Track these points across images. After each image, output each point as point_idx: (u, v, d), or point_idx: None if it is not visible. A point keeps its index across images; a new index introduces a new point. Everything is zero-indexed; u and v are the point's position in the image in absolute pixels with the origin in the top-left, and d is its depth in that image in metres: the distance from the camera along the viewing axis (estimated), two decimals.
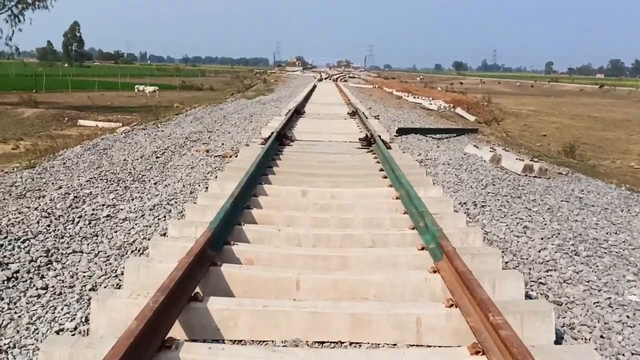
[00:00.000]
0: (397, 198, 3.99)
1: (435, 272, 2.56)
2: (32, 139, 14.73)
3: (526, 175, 6.52)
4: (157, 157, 6.07)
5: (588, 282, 2.97)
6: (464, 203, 4.51)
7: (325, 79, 45.08)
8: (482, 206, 4.49)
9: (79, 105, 26.13)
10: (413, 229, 3.24)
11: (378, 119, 11.60)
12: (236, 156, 5.94)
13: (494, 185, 5.43)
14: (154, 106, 19.10)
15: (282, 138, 6.80)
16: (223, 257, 2.70)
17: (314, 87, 25.76)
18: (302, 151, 6.26)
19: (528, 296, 2.64)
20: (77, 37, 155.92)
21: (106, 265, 2.83)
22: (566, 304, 2.66)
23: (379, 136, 6.63)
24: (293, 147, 6.53)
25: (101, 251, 3.02)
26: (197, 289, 2.31)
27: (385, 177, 4.75)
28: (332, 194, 4.28)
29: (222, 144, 7.32)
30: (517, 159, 7.15)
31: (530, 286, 2.86)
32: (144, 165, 5.61)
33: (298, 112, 10.83)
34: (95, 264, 2.84)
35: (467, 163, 6.42)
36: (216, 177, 4.67)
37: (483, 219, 4.08)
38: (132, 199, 4.22)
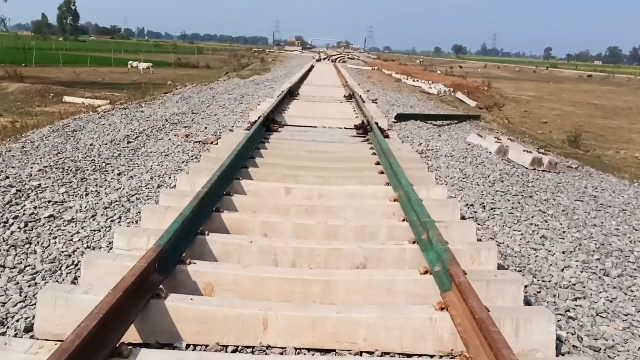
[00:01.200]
0: (395, 200, 3.41)
1: (443, 309, 2.01)
2: (13, 116, 14.04)
3: (535, 170, 5.96)
4: (129, 142, 5.46)
5: (627, 316, 2.42)
6: (471, 205, 3.95)
7: (324, 59, 44.14)
8: (492, 209, 3.93)
9: (68, 81, 25.26)
10: (414, 242, 2.68)
11: (376, 103, 10.97)
12: (217, 143, 5.34)
13: (502, 182, 4.87)
14: (143, 84, 18.37)
15: (271, 123, 6.19)
16: (173, 283, 2.14)
17: (312, 67, 25.00)
18: (292, 139, 5.66)
19: (559, 338, 2.09)
20: (72, 11, 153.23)
21: (29, 286, 2.25)
22: (605, 350, 2.12)
23: (377, 123, 6.03)
24: (282, 134, 5.93)
25: (29, 266, 2.44)
26: (130, 332, 1.75)
27: (382, 173, 4.17)
28: (321, 192, 3.70)
29: (206, 128, 6.70)
30: (524, 151, 6.58)
31: (559, 321, 2.31)
32: (112, 151, 5.01)
33: (292, 94, 10.19)
34: (17, 284, 2.26)
35: (471, 155, 5.84)
36: (188, 171, 4.07)
37: (494, 226, 3.53)
38: (87, 194, 3.63)
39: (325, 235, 2.92)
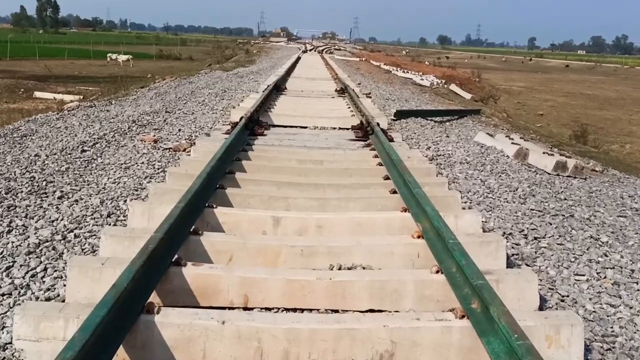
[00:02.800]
0: (419, 236, 2.57)
1: None
2: None
3: (558, 175, 5.18)
4: (82, 151, 4.54)
5: None
6: (509, 234, 3.12)
7: (310, 50, 43.10)
8: (535, 238, 3.11)
9: (42, 75, 23.98)
10: (462, 317, 1.84)
11: (370, 97, 10.10)
12: (188, 153, 4.44)
13: (533, 196, 4.05)
14: (119, 77, 17.27)
15: (255, 125, 5.30)
16: None
17: (298, 58, 24.02)
18: (279, 144, 4.78)
19: None
20: (52, 3, 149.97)
21: None
22: None
23: (378, 124, 5.18)
24: (268, 138, 5.04)
25: None
26: None
27: (395, 192, 3.33)
28: (319, 222, 2.85)
29: (180, 130, 5.79)
30: (544, 153, 5.79)
31: None
32: (60, 164, 4.09)
33: (278, 88, 9.29)
34: None
35: (489, 161, 5.03)
36: (148, 193, 3.18)
37: (547, 267, 2.70)
38: (9, 230, 2.73)
39: (329, 298, 2.07)
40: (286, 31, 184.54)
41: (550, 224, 3.42)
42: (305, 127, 6.28)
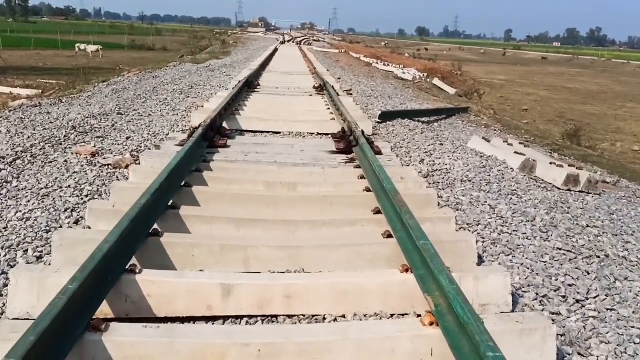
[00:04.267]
0: (431, 323, 1.77)
1: None
2: None
3: (569, 190, 4.45)
4: None
5: None
6: (544, 296, 2.34)
7: (289, 41, 42.01)
8: (578, 301, 2.34)
9: (4, 67, 22.54)
10: None
11: (351, 95, 9.28)
12: (128, 175, 3.55)
13: (555, 227, 3.29)
14: (81, 70, 16.08)
15: (216, 134, 4.43)
16: None
17: (275, 50, 23.04)
18: (244, 159, 3.93)
19: None
20: None
21: None
22: None
23: (362, 132, 4.36)
24: (231, 151, 4.18)
25: None
26: None
27: (390, 237, 2.52)
28: (288, 291, 2.03)
29: (128, 138, 4.88)
30: (551, 163, 5.06)
31: None
32: None
33: (251, 84, 8.39)
34: None
35: (494, 177, 4.26)
36: (56, 244, 2.31)
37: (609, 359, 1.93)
38: None
39: None
40: (264, 21, 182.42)
41: (588, 273, 2.66)
42: (279, 133, 5.45)
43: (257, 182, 3.39)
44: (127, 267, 2.04)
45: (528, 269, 2.61)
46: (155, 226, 2.48)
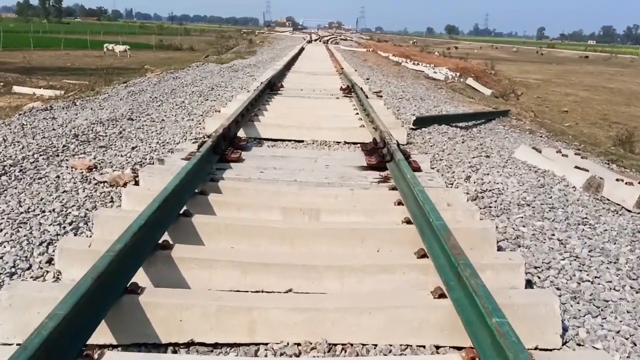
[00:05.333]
0: None
1: None
2: None
3: None
4: None
5: None
6: None
7: (315, 40, 41.48)
8: None
9: (31, 67, 22.64)
10: None
11: (381, 97, 8.65)
12: (121, 198, 3.01)
13: None
14: (104, 70, 15.85)
15: (228, 145, 3.87)
16: None
17: (302, 49, 22.51)
18: (258, 178, 3.34)
19: None
20: None
21: None
22: None
23: (397, 143, 3.73)
24: (245, 166, 3.60)
25: None
26: None
27: (442, 296, 1.89)
28: None
29: (134, 148, 4.37)
30: (618, 179, 4.33)
31: None
32: None
33: (273, 86, 7.83)
34: None
35: (556, 200, 3.57)
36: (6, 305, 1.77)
37: None
38: None
39: None
40: (292, 21, 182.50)
41: None
42: (301, 142, 4.87)
43: (273, 208, 2.81)
44: (83, 349, 1.47)
45: (627, 339, 1.95)
46: (136, 278, 1.91)
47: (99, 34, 53.94)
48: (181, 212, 2.56)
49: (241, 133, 4.86)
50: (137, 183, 3.33)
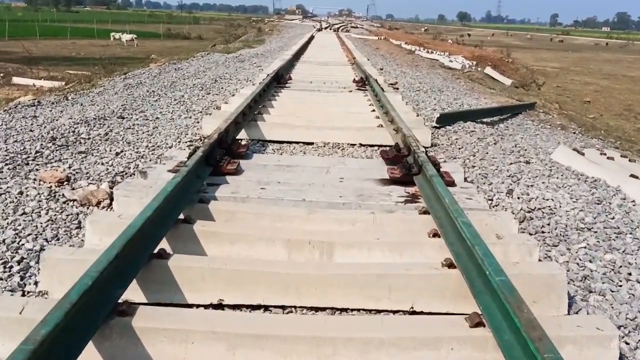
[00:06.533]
0: None
1: None
2: None
3: None
4: None
5: None
6: None
7: (326, 28, 40.65)
8: None
9: (35, 56, 22.16)
10: None
11: (397, 89, 8.00)
12: (105, 207, 2.42)
13: None
14: (107, 60, 15.30)
15: (225, 154, 3.28)
16: None
17: (312, 37, 21.82)
18: (258, 197, 2.74)
19: None
20: None
21: None
22: None
23: (425, 151, 3.12)
24: (242, 181, 3.01)
25: None
26: None
27: None
28: None
29: (118, 153, 3.80)
30: None
31: None
32: None
33: (280, 79, 7.21)
34: None
35: (620, 219, 2.94)
36: None
37: None
38: None
39: None
40: (302, 9, 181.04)
41: None
42: (311, 144, 4.27)
43: (275, 241, 2.21)
44: None
45: None
46: None
47: (107, 23, 53.46)
48: (156, 251, 1.98)
49: (243, 134, 4.27)
50: (112, 201, 2.75)
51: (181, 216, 2.34)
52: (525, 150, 4.71)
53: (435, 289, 1.90)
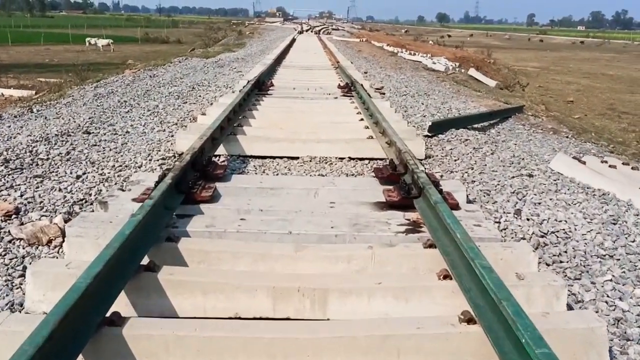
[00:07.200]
0: None
1: None
2: None
3: None
4: None
5: None
6: None
7: (307, 31, 40.32)
8: None
9: (5, 64, 21.41)
10: None
11: (383, 94, 7.70)
12: (55, 246, 2.03)
13: None
14: (81, 66, 14.70)
15: (199, 179, 2.90)
16: None
17: (293, 40, 21.47)
18: (237, 230, 2.37)
19: None
20: None
21: None
22: None
23: (426, 175, 2.79)
24: (218, 211, 2.63)
25: None
26: None
27: None
28: None
29: (79, 177, 3.39)
30: None
31: None
32: None
33: (262, 85, 6.83)
34: None
35: (635, 239, 2.64)
36: None
37: None
38: None
39: None
40: (282, 11, 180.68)
41: None
42: (296, 158, 3.92)
43: (257, 290, 1.85)
44: None
45: None
46: None
47: (82, 28, 52.32)
48: (108, 314, 1.60)
49: (221, 150, 3.90)
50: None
51: (145, 260, 1.97)
52: (523, 159, 4.42)
53: (454, 353, 1.56)
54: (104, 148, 4.14)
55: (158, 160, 3.82)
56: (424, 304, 1.83)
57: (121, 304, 1.78)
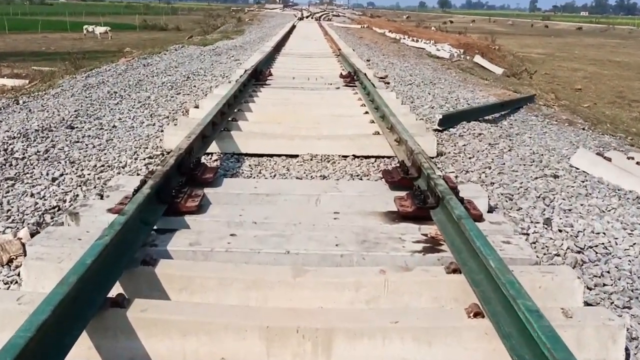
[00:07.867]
0: None
1: None
2: None
3: None
4: None
5: None
6: None
7: (307, 17, 39.67)
8: None
9: (0, 52, 20.99)
10: None
11: (388, 83, 7.32)
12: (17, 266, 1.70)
13: None
14: (77, 54, 14.28)
15: (186, 182, 2.56)
16: None
17: (293, 27, 20.98)
18: (227, 250, 2.02)
19: None
20: None
21: None
22: None
23: (443, 176, 2.44)
24: (205, 224, 2.28)
25: None
26: None
27: None
28: None
29: (56, 179, 3.05)
30: None
31: None
32: None
33: (260, 75, 6.45)
34: None
35: None
36: None
37: None
38: None
39: None
40: None
41: None
42: (295, 156, 3.57)
43: (247, 331, 1.52)
44: None
45: None
46: None
47: (81, 15, 51.64)
48: None
49: (214, 147, 3.56)
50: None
51: (114, 291, 1.64)
52: (542, 155, 4.07)
53: None
54: (86, 145, 3.79)
55: (145, 159, 3.47)
56: (451, 349, 1.50)
57: (83, 348, 1.46)
